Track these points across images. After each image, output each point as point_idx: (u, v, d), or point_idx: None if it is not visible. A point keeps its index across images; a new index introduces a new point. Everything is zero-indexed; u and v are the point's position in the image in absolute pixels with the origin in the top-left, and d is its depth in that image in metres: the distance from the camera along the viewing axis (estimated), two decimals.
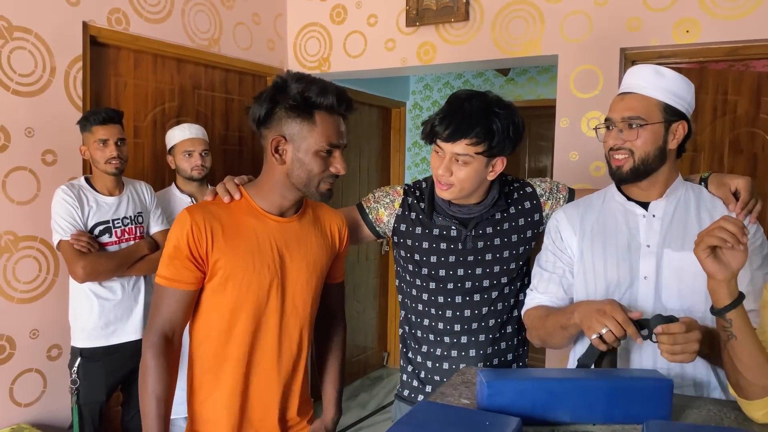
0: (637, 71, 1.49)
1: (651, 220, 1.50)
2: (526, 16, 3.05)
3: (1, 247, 2.42)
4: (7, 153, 2.42)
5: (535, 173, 5.05)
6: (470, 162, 1.57)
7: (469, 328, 1.72)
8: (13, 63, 2.42)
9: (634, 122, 1.43)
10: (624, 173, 1.46)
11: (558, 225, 1.63)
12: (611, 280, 1.50)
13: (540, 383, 1.18)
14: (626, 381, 1.19)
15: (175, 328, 1.48)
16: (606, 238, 1.54)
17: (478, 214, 1.70)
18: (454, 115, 1.56)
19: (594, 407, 1.16)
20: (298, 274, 1.55)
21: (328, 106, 1.44)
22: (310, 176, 1.47)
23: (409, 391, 1.83)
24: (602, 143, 1.53)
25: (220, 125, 3.43)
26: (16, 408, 2.49)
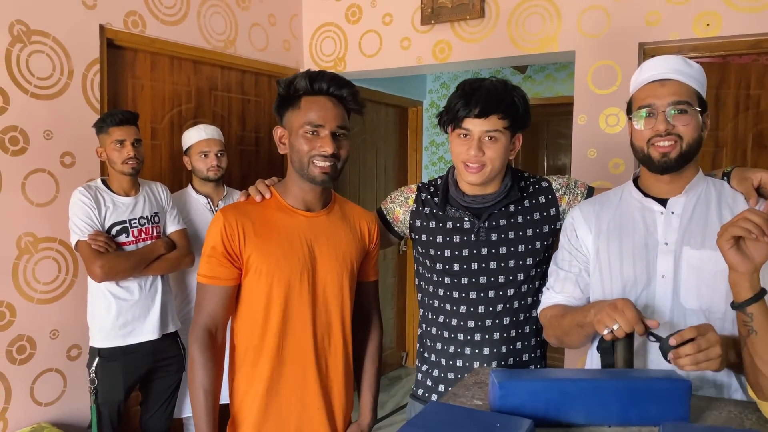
0: (666, 59, 1.44)
1: (669, 217, 1.46)
2: (542, 12, 3.02)
3: (21, 249, 2.45)
4: (26, 155, 2.45)
5: (553, 171, 5.00)
6: (499, 138, 1.61)
7: (483, 325, 1.70)
8: (31, 66, 2.45)
9: (682, 107, 1.39)
10: (671, 160, 1.40)
11: (573, 222, 1.60)
12: (628, 279, 1.47)
13: (553, 384, 1.16)
14: (643, 381, 1.16)
15: (217, 324, 1.57)
16: (622, 235, 1.50)
17: (492, 203, 1.69)
18: (479, 93, 1.60)
19: (609, 408, 1.14)
20: (328, 266, 1.61)
21: (309, 88, 1.54)
22: (300, 158, 1.55)
23: (423, 390, 1.82)
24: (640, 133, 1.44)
25: (237, 126, 3.45)
26: (37, 407, 2.52)
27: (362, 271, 1.76)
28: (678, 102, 1.39)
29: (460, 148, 1.64)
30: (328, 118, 1.53)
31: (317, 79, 1.54)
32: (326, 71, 1.58)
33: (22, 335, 2.47)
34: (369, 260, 1.77)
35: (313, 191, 1.61)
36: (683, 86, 1.40)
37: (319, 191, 1.62)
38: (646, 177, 1.51)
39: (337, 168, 1.57)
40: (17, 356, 2.45)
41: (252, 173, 3.47)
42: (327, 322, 1.63)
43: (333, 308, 1.64)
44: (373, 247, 1.76)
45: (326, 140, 1.52)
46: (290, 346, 1.59)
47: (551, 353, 2.01)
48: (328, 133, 1.53)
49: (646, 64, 1.48)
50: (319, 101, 1.54)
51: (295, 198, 1.61)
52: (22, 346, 2.47)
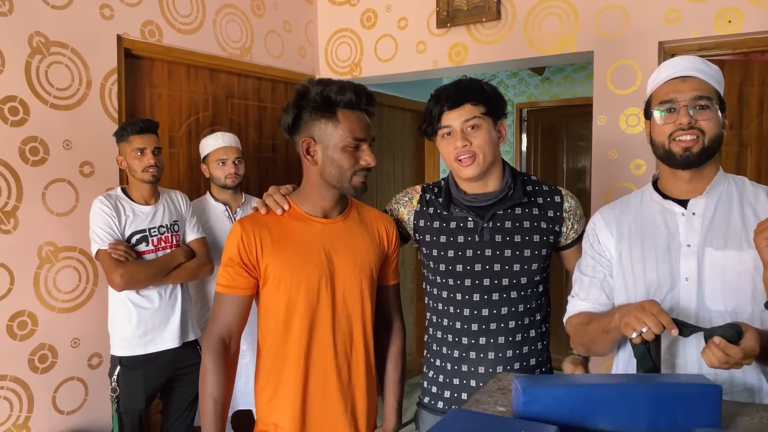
0: (686, 58, 1.43)
1: (691, 219, 1.43)
2: (559, 13, 2.99)
3: (42, 258, 2.47)
4: (46, 165, 2.47)
5: (573, 174, 4.94)
6: (481, 125, 1.63)
7: (487, 328, 1.67)
8: (50, 77, 2.47)
9: (704, 102, 1.37)
10: (693, 155, 1.38)
11: (595, 228, 1.58)
12: (651, 283, 1.44)
13: (579, 389, 1.12)
14: (671, 387, 1.13)
15: (232, 333, 1.59)
16: (644, 238, 1.47)
17: (494, 201, 1.68)
18: (446, 90, 1.66)
19: (637, 414, 1.10)
20: (347, 272, 1.61)
21: (348, 102, 1.53)
22: (342, 172, 1.56)
23: (429, 398, 1.79)
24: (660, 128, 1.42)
25: (254, 133, 3.45)
26: (59, 416, 2.53)
27: (382, 275, 1.76)
28: (700, 97, 1.37)
29: (447, 147, 1.66)
30: (368, 133, 1.57)
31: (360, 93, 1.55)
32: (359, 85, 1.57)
33: (44, 344, 2.48)
34: (388, 264, 1.76)
35: (333, 198, 1.62)
36: (704, 83, 1.39)
37: (337, 198, 1.63)
38: (666, 178, 1.48)
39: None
40: (39, 365, 2.47)
41: (269, 180, 3.47)
42: (347, 327, 1.62)
43: (353, 313, 1.63)
44: (392, 250, 1.75)
45: (368, 153, 1.57)
46: (314, 353, 1.59)
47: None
48: (368, 147, 1.57)
49: (665, 64, 1.46)
50: (357, 116, 1.56)
51: (312, 206, 1.62)
52: (44, 354, 2.48)
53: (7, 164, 2.35)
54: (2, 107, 2.33)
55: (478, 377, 1.69)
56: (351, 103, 1.53)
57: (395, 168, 4.78)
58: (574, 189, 4.91)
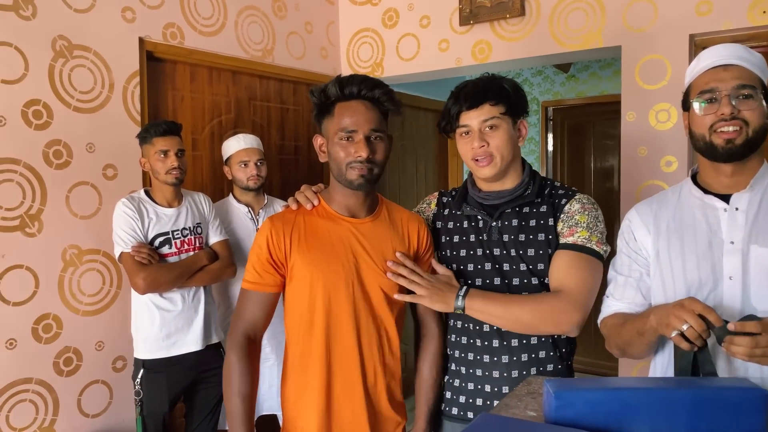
0: (727, 46, 1.36)
1: (734, 214, 1.36)
2: (585, 8, 2.92)
3: (66, 261, 2.47)
4: (70, 168, 2.48)
5: (601, 173, 4.85)
6: (499, 125, 1.59)
7: (499, 330, 1.62)
8: (73, 80, 2.48)
9: (748, 92, 1.30)
10: (736, 147, 1.31)
11: (630, 225, 1.51)
12: (692, 282, 1.37)
13: (614, 394, 1.07)
14: (713, 391, 1.07)
15: (256, 330, 1.59)
16: (684, 236, 1.40)
17: (509, 198, 1.64)
18: (465, 89, 1.62)
19: (676, 420, 1.04)
20: (373, 272, 1.59)
21: (341, 93, 1.55)
22: (338, 164, 1.55)
23: (444, 404, 1.74)
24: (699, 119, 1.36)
25: (276, 135, 3.44)
26: (84, 419, 2.54)
27: None
28: (743, 86, 1.31)
29: (465, 146, 1.63)
30: (360, 123, 1.52)
31: (347, 83, 1.53)
32: (357, 74, 1.56)
33: (69, 347, 2.49)
34: (420, 265, 1.71)
35: (355, 197, 1.60)
36: (747, 71, 1.32)
37: (361, 197, 1.60)
38: (706, 172, 1.41)
39: (374, 172, 1.55)
40: (64, 368, 2.47)
41: (292, 182, 3.45)
42: (374, 329, 1.60)
43: (379, 315, 1.61)
44: (423, 251, 1.71)
45: (360, 145, 1.51)
46: (337, 353, 1.57)
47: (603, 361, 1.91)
48: (362, 138, 1.52)
49: (705, 53, 1.40)
50: (351, 106, 1.53)
51: (339, 205, 1.62)
52: (69, 357, 2.49)
53: (32, 167, 2.36)
54: (26, 111, 2.35)
55: (492, 382, 1.64)
56: (345, 95, 1.53)
57: (418, 169, 4.74)
58: (601, 189, 4.81)
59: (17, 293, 2.34)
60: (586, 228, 1.57)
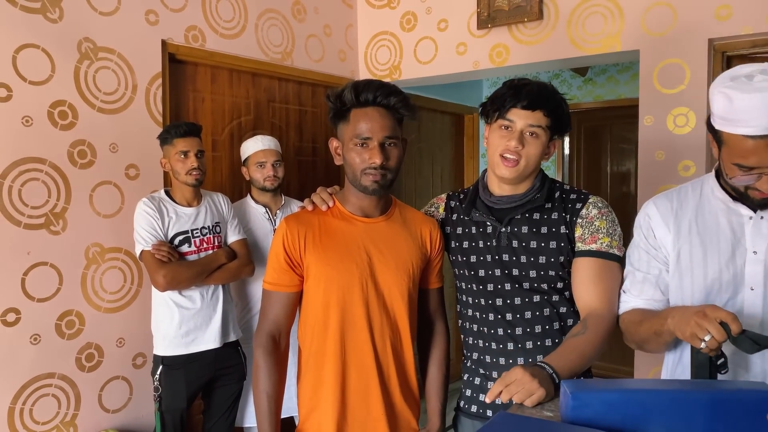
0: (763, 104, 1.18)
1: (759, 223, 1.33)
2: (603, 12, 2.92)
3: (89, 259, 2.52)
4: (94, 168, 2.52)
5: (617, 178, 4.83)
6: (540, 136, 1.59)
7: (513, 333, 1.63)
8: (98, 82, 2.53)
9: None
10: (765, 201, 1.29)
11: (650, 221, 1.49)
12: (712, 288, 1.36)
13: (631, 395, 1.08)
14: (731, 393, 1.08)
15: (281, 329, 1.63)
16: (706, 240, 1.38)
17: (519, 203, 1.64)
18: (528, 88, 1.59)
19: (693, 423, 1.05)
20: (387, 272, 1.61)
21: (356, 100, 1.54)
22: (353, 170, 1.57)
23: (464, 402, 1.76)
24: (737, 178, 1.29)
25: (295, 137, 3.47)
26: (105, 414, 2.58)
27: (425, 278, 1.75)
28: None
29: (499, 140, 1.61)
30: (375, 130, 1.53)
31: (363, 90, 1.54)
32: (374, 80, 1.57)
33: (91, 343, 2.53)
34: (431, 267, 1.75)
35: (369, 199, 1.63)
36: None
37: (375, 199, 1.63)
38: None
39: (388, 178, 1.57)
40: (86, 363, 2.52)
41: (310, 183, 3.48)
42: (387, 327, 1.62)
43: (393, 313, 1.63)
44: (435, 253, 1.74)
45: (375, 152, 1.53)
46: (351, 352, 1.60)
47: (619, 365, 1.91)
48: (376, 145, 1.53)
49: (741, 107, 1.19)
50: (367, 113, 1.54)
51: (353, 206, 1.65)
52: (91, 353, 2.53)
53: (57, 167, 2.41)
54: (52, 111, 2.40)
55: None
56: (361, 101, 1.54)
57: (434, 171, 4.75)
58: (618, 193, 4.80)
59: (42, 290, 2.39)
60: (607, 234, 1.58)
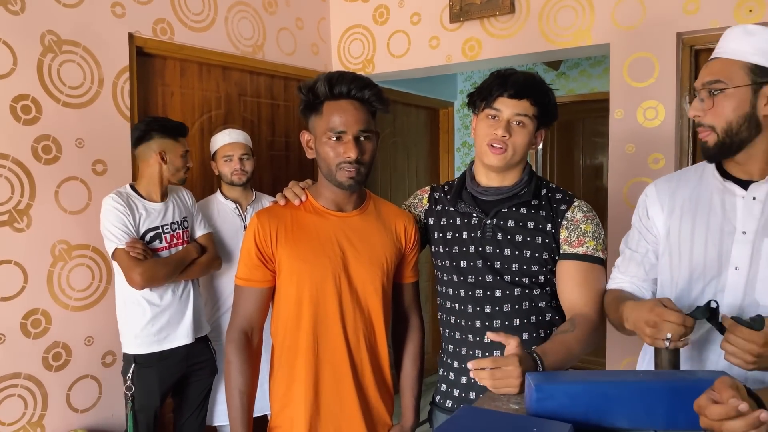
0: (725, 34, 1.33)
1: (751, 203, 1.32)
2: (574, 5, 2.94)
3: (55, 256, 2.47)
4: (59, 164, 2.47)
5: (590, 171, 4.88)
6: (527, 125, 1.59)
7: (491, 325, 1.63)
8: (62, 75, 2.47)
9: (713, 88, 1.29)
10: (710, 149, 1.31)
11: (646, 200, 1.52)
12: (696, 266, 1.36)
13: (594, 386, 1.09)
14: (691, 383, 1.08)
15: (253, 325, 1.62)
16: (696, 216, 1.39)
17: (506, 195, 1.65)
18: (515, 77, 1.59)
19: (655, 412, 1.06)
20: (360, 266, 1.60)
21: (330, 93, 1.52)
22: (327, 164, 1.55)
23: (440, 397, 1.76)
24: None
25: (267, 131, 3.44)
26: (73, 414, 2.54)
27: (400, 272, 1.74)
28: (708, 83, 1.30)
29: (487, 129, 1.61)
30: (349, 123, 1.51)
31: (337, 82, 1.52)
32: (347, 72, 1.55)
33: (58, 342, 2.49)
34: (406, 261, 1.74)
35: (343, 193, 1.61)
36: (724, 63, 1.30)
37: (349, 193, 1.62)
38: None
39: (363, 172, 1.56)
40: (53, 363, 2.47)
41: (282, 178, 3.45)
42: (361, 322, 1.61)
43: (366, 308, 1.62)
44: (410, 248, 1.73)
45: (349, 146, 1.51)
46: (324, 347, 1.59)
47: (591, 356, 1.92)
48: (351, 139, 1.52)
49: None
50: (341, 106, 1.52)
51: (326, 200, 1.63)
52: (58, 353, 2.49)
53: (20, 163, 2.36)
54: (15, 106, 2.34)
55: None
56: (335, 94, 1.52)
57: (409, 165, 4.75)
58: (591, 186, 4.84)
59: (6, 288, 2.34)
60: (593, 237, 1.60)
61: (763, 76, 1.27)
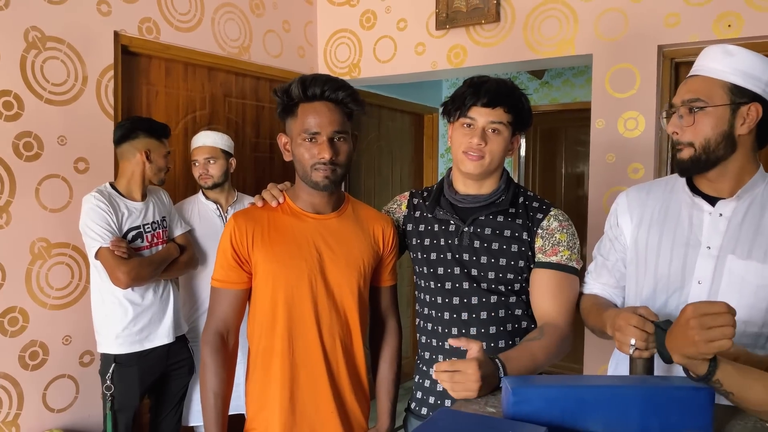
0: (704, 52, 1.36)
1: (717, 220, 1.35)
2: (558, 16, 2.98)
3: (34, 254, 2.45)
4: (40, 161, 2.45)
5: (572, 179, 4.93)
6: (502, 132, 1.60)
7: (467, 332, 1.63)
8: (46, 72, 2.46)
9: (693, 105, 1.31)
10: (684, 162, 1.33)
11: (617, 209, 1.55)
12: (661, 277, 1.39)
13: (570, 390, 1.11)
14: (664, 389, 1.11)
15: (229, 327, 1.61)
16: (664, 228, 1.41)
17: (483, 204, 1.65)
18: (488, 85, 1.60)
19: (628, 417, 1.08)
20: (337, 268, 1.60)
21: (304, 95, 1.53)
22: (303, 166, 1.56)
23: (415, 404, 1.75)
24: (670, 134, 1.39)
25: (251, 133, 3.44)
26: (49, 413, 2.51)
27: (378, 276, 1.74)
28: (689, 100, 1.32)
29: (462, 138, 1.62)
30: (323, 124, 1.52)
31: (310, 84, 1.53)
32: (321, 75, 1.56)
33: (35, 341, 2.46)
34: (384, 265, 1.74)
35: (320, 195, 1.62)
36: (705, 81, 1.32)
37: (326, 195, 1.62)
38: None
39: (338, 173, 1.56)
40: (30, 362, 2.44)
41: (266, 179, 3.45)
42: (338, 325, 1.61)
43: (343, 310, 1.62)
44: (388, 251, 1.73)
45: (323, 147, 1.52)
46: (299, 349, 1.58)
47: (569, 362, 1.95)
48: (325, 140, 1.52)
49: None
50: (315, 107, 1.53)
51: (304, 202, 1.63)
52: (35, 351, 2.46)
53: (1, 159, 2.33)
54: None
55: None
56: (309, 96, 1.53)
57: (393, 170, 4.77)
58: (572, 194, 4.89)
59: None
60: (567, 247, 1.60)
61: (741, 96, 1.30)
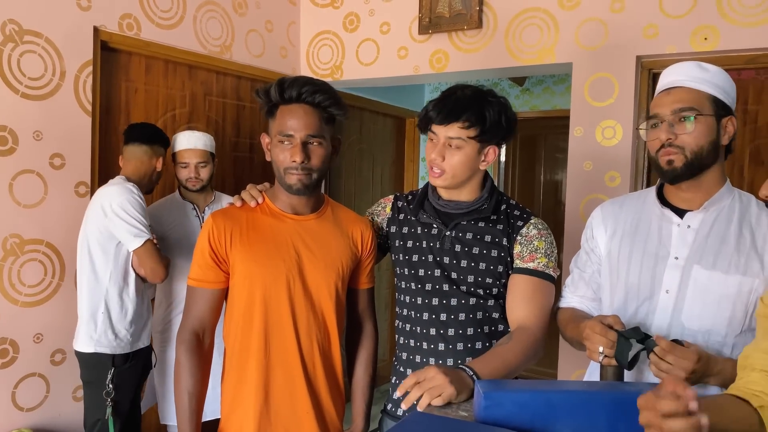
0: (678, 67, 1.39)
1: (684, 231, 1.40)
2: (540, 24, 3.01)
3: (6, 250, 2.41)
4: (15, 156, 2.41)
5: (550, 186, 4.97)
6: (462, 147, 1.58)
7: (445, 333, 1.65)
8: (22, 66, 2.42)
9: (686, 114, 1.34)
10: (677, 169, 1.35)
11: (592, 221, 1.58)
12: (631, 287, 1.44)
13: (540, 395, 1.12)
14: (632, 394, 1.12)
15: (205, 327, 1.60)
16: (635, 240, 1.46)
17: (465, 211, 1.66)
18: (447, 101, 1.59)
19: (597, 421, 1.10)
20: (315, 270, 1.60)
21: (281, 97, 1.54)
22: (278, 167, 1.57)
23: (391, 405, 1.76)
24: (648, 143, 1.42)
25: (231, 132, 3.42)
26: (18, 412, 2.47)
27: (355, 278, 1.75)
28: (681, 109, 1.35)
29: (428, 149, 1.65)
30: (297, 127, 1.52)
31: (289, 86, 1.52)
32: (301, 77, 1.56)
33: (5, 338, 2.42)
34: (362, 267, 1.75)
35: (297, 197, 1.61)
36: (691, 92, 1.35)
37: (304, 197, 1.62)
38: (667, 186, 1.46)
39: (313, 177, 1.56)
40: None
41: (246, 179, 3.43)
42: (315, 326, 1.61)
43: (320, 311, 1.63)
44: (367, 254, 1.74)
45: (296, 150, 1.52)
46: (275, 350, 1.58)
47: (544, 368, 1.97)
48: (298, 143, 1.52)
49: (661, 74, 1.44)
50: (291, 110, 1.53)
51: (282, 203, 1.63)
52: (5, 349, 2.42)
53: None
54: None
55: None
56: (286, 98, 1.53)
57: (374, 173, 4.77)
58: (550, 201, 4.94)
59: None
60: (545, 254, 1.62)
61: (721, 109, 1.36)
